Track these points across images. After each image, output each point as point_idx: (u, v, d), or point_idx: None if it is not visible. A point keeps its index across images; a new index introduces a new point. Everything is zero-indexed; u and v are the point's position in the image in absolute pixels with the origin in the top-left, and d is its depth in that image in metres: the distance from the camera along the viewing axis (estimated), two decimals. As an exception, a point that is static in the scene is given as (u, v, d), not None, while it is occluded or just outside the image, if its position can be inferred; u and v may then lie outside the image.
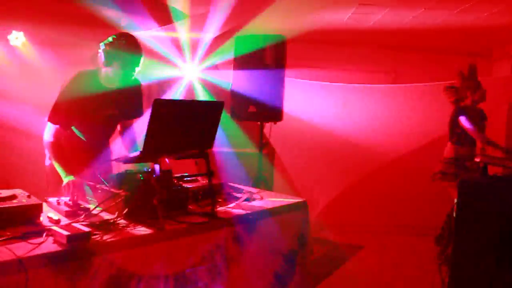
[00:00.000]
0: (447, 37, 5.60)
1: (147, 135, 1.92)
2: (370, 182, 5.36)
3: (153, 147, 1.98)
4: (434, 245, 4.46)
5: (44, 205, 2.10)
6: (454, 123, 4.42)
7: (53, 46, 4.56)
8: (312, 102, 5.32)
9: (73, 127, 2.72)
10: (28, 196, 2.01)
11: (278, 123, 4.17)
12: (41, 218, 1.94)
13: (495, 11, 4.37)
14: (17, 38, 4.63)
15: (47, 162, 2.80)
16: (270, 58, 3.90)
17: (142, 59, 2.63)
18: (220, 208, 2.40)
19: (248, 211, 2.44)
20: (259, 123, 4.18)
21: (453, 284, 2.84)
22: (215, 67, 5.09)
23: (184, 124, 2.09)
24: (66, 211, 2.05)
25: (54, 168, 2.62)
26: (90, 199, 2.27)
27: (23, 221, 1.86)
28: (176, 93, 4.99)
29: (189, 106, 2.29)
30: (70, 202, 2.16)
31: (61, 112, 2.61)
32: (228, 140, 4.49)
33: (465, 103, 4.42)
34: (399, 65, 6.37)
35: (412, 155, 4.88)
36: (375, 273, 4.17)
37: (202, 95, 5.02)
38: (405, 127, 5.13)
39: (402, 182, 5.18)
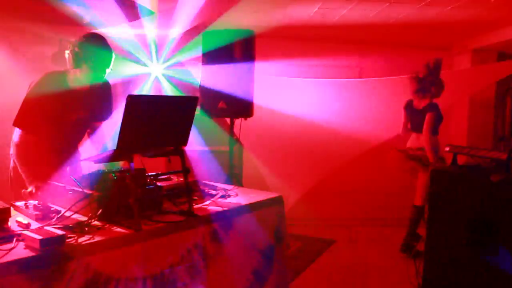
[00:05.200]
0: (410, 32, 5.71)
1: (121, 132, 1.85)
2: (339, 176, 5.41)
3: (127, 145, 1.91)
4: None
5: (11, 209, 1.99)
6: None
7: (10, 43, 4.35)
8: (281, 97, 5.32)
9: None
10: (-6, 200, 1.90)
11: (248, 119, 4.12)
12: (9, 223, 1.84)
13: (457, 5, 4.49)
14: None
15: (12, 165, 2.67)
16: (239, 52, 3.83)
17: (112, 60, 2.54)
18: (196, 206, 2.36)
19: (224, 208, 2.41)
20: (229, 119, 4.14)
21: (428, 270, 2.91)
22: (182, 64, 5.00)
23: (159, 120, 2.03)
24: (36, 215, 1.95)
25: (19, 172, 2.51)
26: (59, 201, 2.17)
27: (-10, 226, 1.76)
28: (142, 91, 4.86)
29: (163, 101, 2.23)
30: (39, 205, 2.06)
31: (28, 116, 2.49)
32: (198, 138, 4.42)
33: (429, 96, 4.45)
34: (364, 60, 6.44)
35: (380, 148, 4.94)
36: (349, 266, 4.22)
37: (170, 92, 4.91)
38: (373, 121, 5.20)
39: (371, 175, 5.26)
